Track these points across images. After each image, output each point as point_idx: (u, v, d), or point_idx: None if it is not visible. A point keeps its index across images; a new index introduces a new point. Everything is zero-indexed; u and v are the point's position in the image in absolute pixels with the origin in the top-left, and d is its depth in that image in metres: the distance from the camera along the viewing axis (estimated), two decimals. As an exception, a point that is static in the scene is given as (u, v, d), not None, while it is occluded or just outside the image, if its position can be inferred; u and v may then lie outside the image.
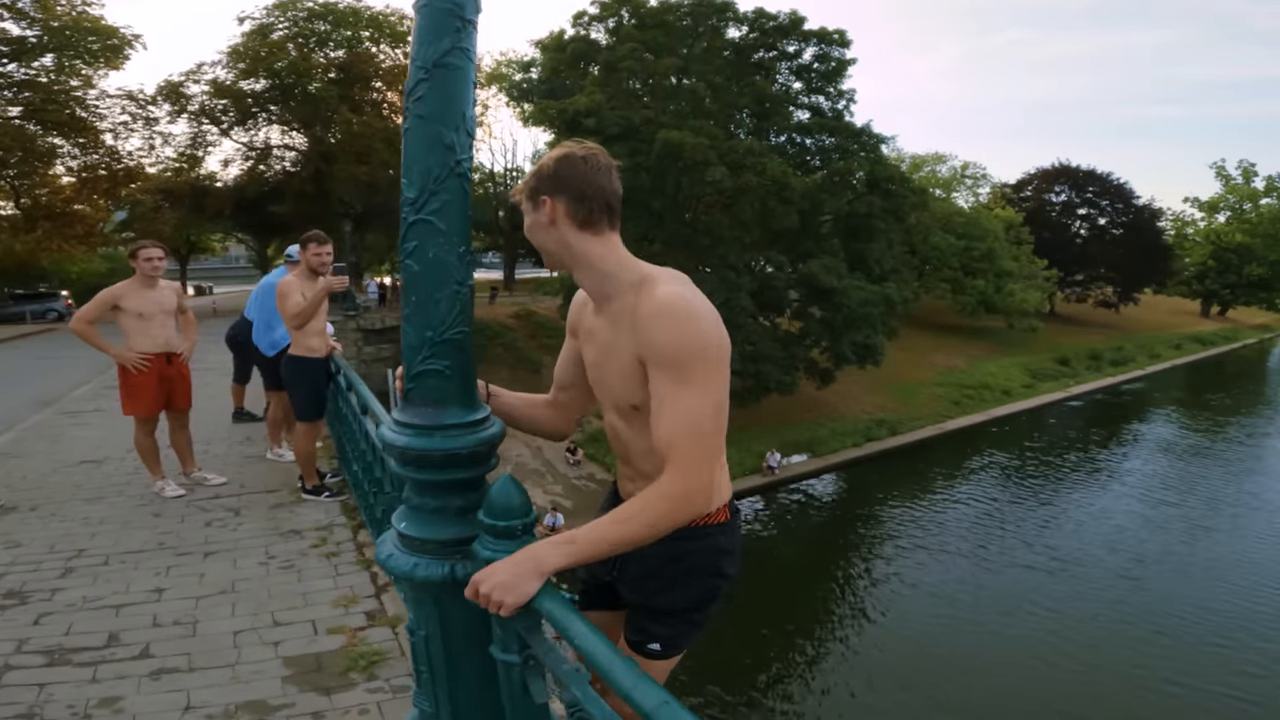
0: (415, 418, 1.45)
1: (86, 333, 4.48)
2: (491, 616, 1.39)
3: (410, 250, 1.39)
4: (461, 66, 1.37)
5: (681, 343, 1.34)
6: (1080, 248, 45.09)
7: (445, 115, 1.36)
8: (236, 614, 3.18)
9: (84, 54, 24.19)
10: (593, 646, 1.12)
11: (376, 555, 1.63)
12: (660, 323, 1.35)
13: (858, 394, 26.02)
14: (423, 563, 1.50)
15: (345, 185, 25.76)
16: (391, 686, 2.65)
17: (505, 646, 1.41)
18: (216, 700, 2.55)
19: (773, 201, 20.99)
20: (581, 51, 24.15)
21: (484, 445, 1.48)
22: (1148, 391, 34.30)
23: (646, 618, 1.62)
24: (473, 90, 1.43)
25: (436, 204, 1.37)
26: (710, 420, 1.34)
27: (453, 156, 1.37)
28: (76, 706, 2.50)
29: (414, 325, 1.42)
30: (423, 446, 1.43)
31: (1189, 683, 10.99)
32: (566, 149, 1.49)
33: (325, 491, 4.71)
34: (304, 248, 4.59)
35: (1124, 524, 17.52)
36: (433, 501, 1.51)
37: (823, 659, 12.25)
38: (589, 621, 1.20)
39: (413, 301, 1.41)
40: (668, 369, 1.35)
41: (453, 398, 1.45)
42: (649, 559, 1.56)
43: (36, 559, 3.76)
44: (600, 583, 1.74)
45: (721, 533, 1.56)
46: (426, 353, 1.42)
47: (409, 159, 1.38)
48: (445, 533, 1.49)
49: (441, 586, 1.50)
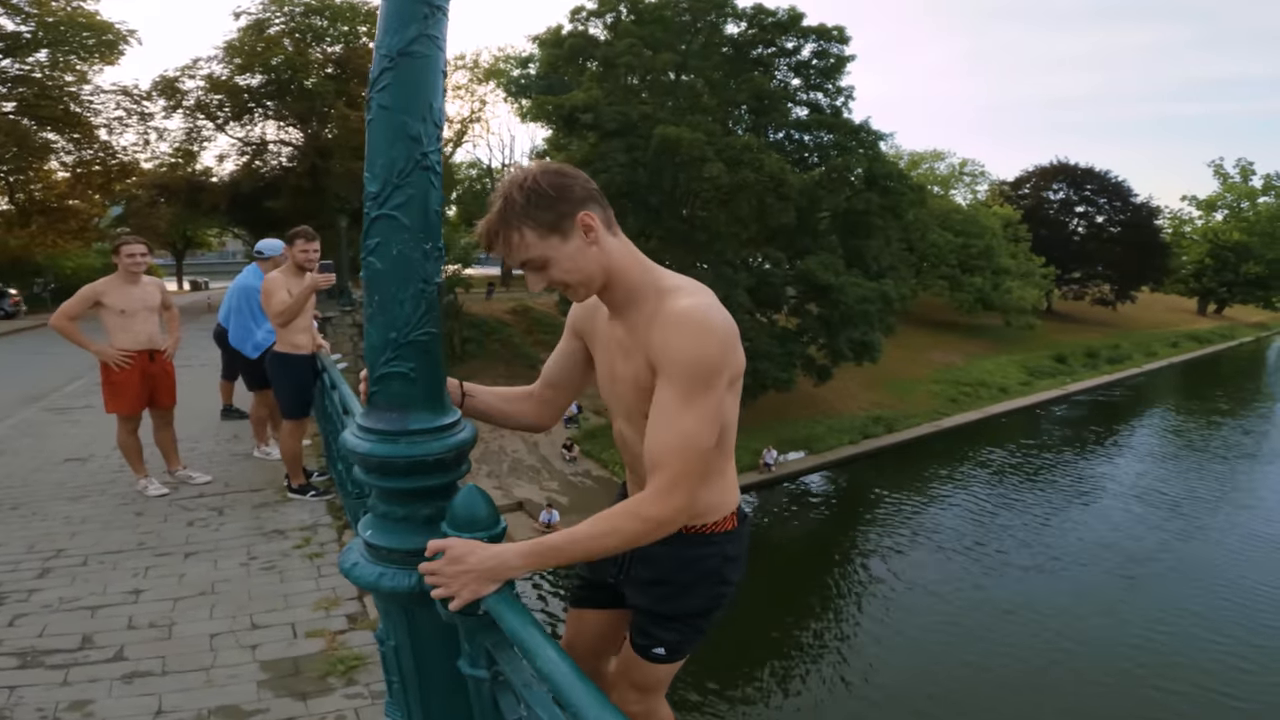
0: (378, 422, 1.39)
1: (68, 329, 4.41)
2: (460, 630, 1.34)
3: (373, 247, 1.33)
4: (429, 55, 1.30)
5: (697, 358, 1.29)
6: (1078, 245, 45.13)
7: (411, 106, 1.30)
8: (214, 616, 3.13)
9: (79, 49, 24.03)
10: (554, 670, 1.05)
11: (340, 564, 1.56)
12: (678, 333, 1.30)
13: (855, 391, 26.00)
14: (389, 572, 1.44)
15: (341, 181, 25.63)
16: (370, 692, 2.60)
17: (474, 662, 1.35)
18: (188, 705, 2.49)
19: (770, 198, 20.94)
20: (579, 47, 24.04)
21: (451, 451, 1.41)
22: (1144, 389, 34.33)
23: (652, 622, 1.59)
24: (442, 80, 1.37)
25: (401, 198, 1.30)
26: (705, 444, 1.30)
27: (419, 149, 1.31)
28: (45, 710, 2.45)
29: (377, 326, 1.36)
30: (386, 453, 1.37)
31: (1182, 680, 11.00)
32: (527, 169, 1.37)
33: (311, 491, 4.64)
34: (290, 244, 4.51)
35: (1120, 522, 17.53)
36: (399, 510, 1.45)
37: (819, 655, 12.24)
38: (554, 642, 1.13)
39: (375, 301, 1.35)
40: (676, 382, 1.30)
41: (418, 402, 1.39)
42: (656, 564, 1.54)
43: (14, 559, 3.70)
44: (601, 582, 1.71)
45: (728, 540, 1.54)
46: (390, 354, 1.35)
47: (372, 151, 1.32)
48: (412, 542, 1.42)
49: (409, 597, 1.44)
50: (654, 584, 1.57)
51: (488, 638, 1.32)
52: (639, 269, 1.41)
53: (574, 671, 1.05)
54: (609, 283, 1.41)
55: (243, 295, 5.54)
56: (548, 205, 1.32)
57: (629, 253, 1.41)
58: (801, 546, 16.74)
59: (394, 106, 1.30)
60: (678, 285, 1.38)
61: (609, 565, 1.63)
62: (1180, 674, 11.14)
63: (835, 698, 11.02)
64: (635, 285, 1.41)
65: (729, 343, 1.32)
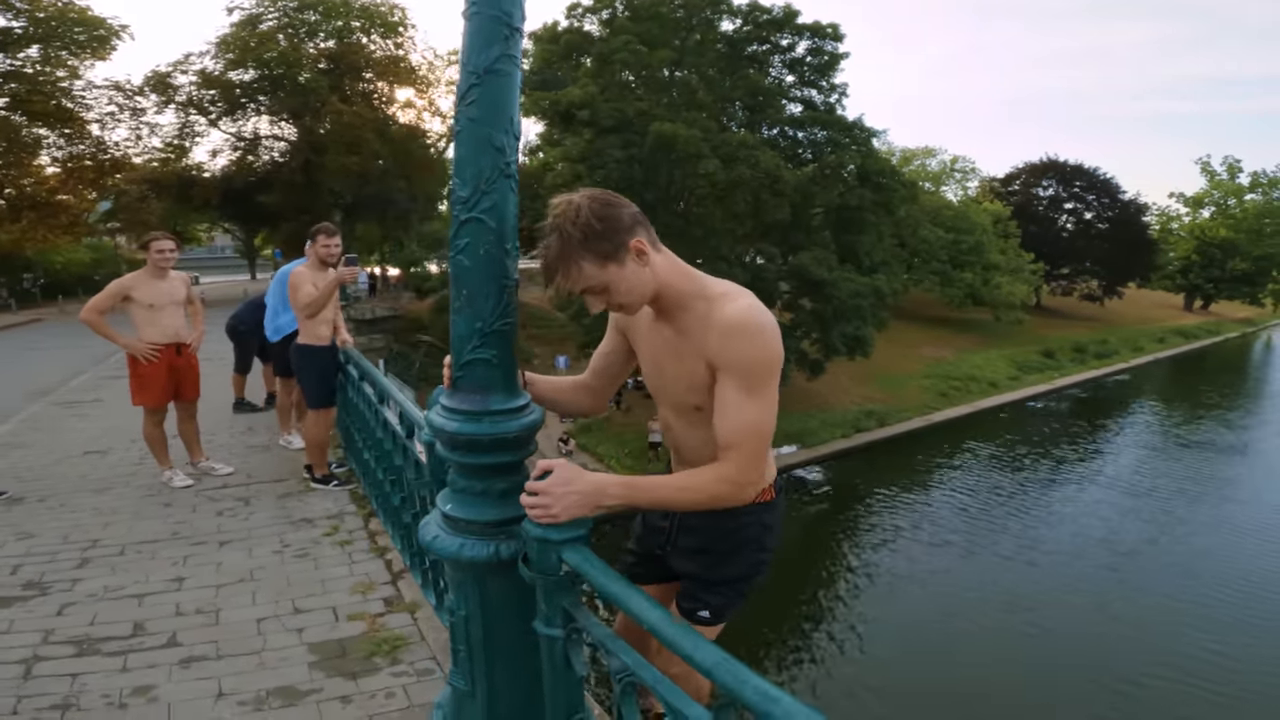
0: (464, 403, 1.53)
1: (97, 323, 4.50)
2: (539, 592, 1.48)
3: (462, 247, 1.47)
4: (510, 73, 1.44)
5: (757, 357, 1.45)
6: (1066, 241, 45.50)
7: (495, 119, 1.43)
8: (257, 602, 3.23)
9: (70, 45, 23.93)
10: (650, 614, 1.20)
11: (421, 537, 1.70)
12: (739, 337, 1.45)
13: (847, 385, 26.23)
14: (468, 543, 1.57)
15: (335, 176, 25.60)
16: (415, 670, 2.72)
17: (549, 621, 1.48)
18: (247, 687, 2.60)
19: (765, 194, 21.10)
20: (575, 43, 24.09)
21: (527, 430, 1.56)
22: (1131, 384, 34.76)
23: (700, 587, 1.75)
24: (519, 95, 1.51)
25: (488, 203, 1.44)
26: (769, 426, 1.48)
27: (502, 158, 1.45)
28: (111, 696, 2.53)
29: (464, 317, 1.49)
30: (472, 431, 1.51)
31: (1170, 666, 11.24)
32: (576, 204, 1.44)
33: (333, 481, 4.76)
34: (313, 240, 4.65)
35: (1108, 515, 17.83)
36: (478, 484, 1.58)
37: (810, 646, 12.40)
38: (640, 590, 1.28)
39: (464, 295, 1.48)
40: (740, 378, 1.46)
41: (498, 385, 1.53)
42: (702, 534, 1.71)
43: (51, 550, 3.79)
44: (650, 555, 1.86)
45: (766, 511, 1.70)
46: (476, 342, 1.49)
47: (461, 160, 1.45)
48: (490, 514, 1.57)
49: (486, 566, 1.57)
50: (700, 552, 1.73)
51: (565, 598, 1.46)
52: (684, 279, 1.56)
53: (664, 613, 1.20)
54: (658, 294, 1.55)
55: (283, 284, 5.67)
56: (603, 236, 1.43)
57: (673, 265, 1.55)
58: (793, 538, 16.90)
59: (481, 119, 1.43)
60: (724, 291, 1.53)
61: (657, 537, 1.81)
62: (1168, 662, 11.36)
63: (824, 688, 11.16)
64: (682, 294, 1.55)
65: (778, 339, 1.49)
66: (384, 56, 28.66)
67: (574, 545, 1.40)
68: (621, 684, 1.31)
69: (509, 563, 1.54)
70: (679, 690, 1.19)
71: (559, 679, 1.54)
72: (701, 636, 1.12)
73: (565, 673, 1.53)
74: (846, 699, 10.88)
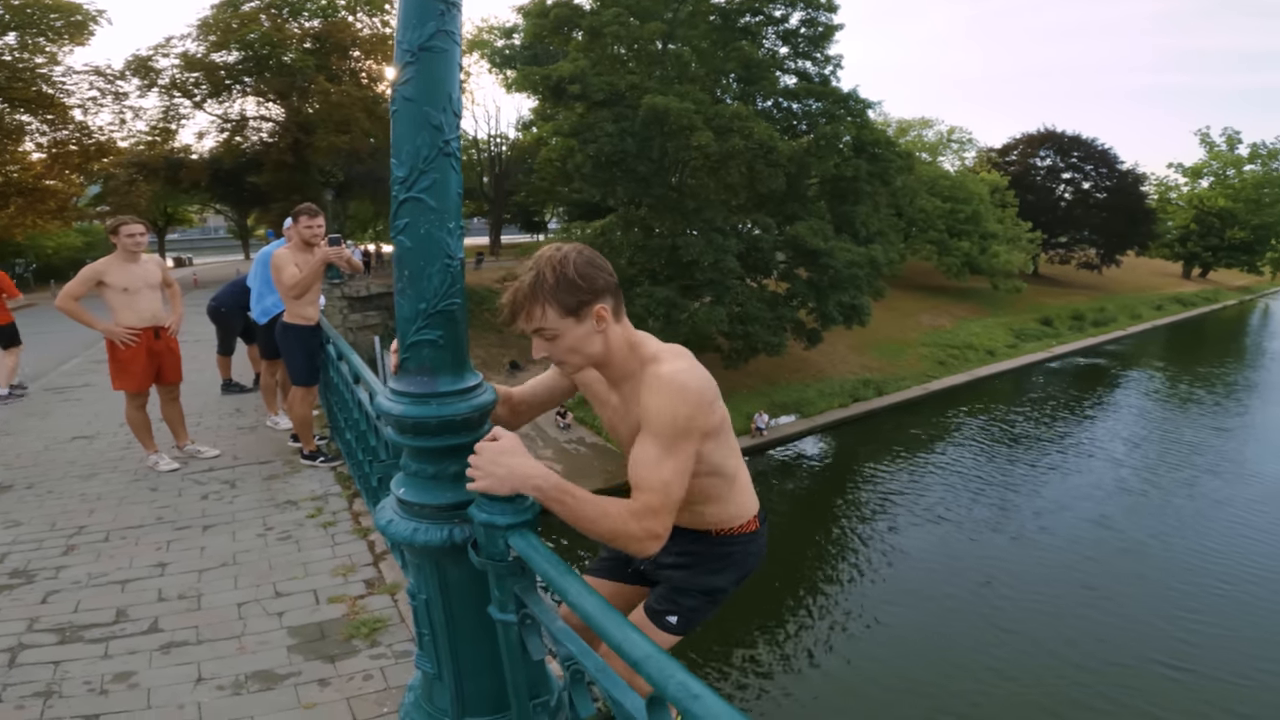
0: (410, 386, 1.51)
1: (73, 309, 4.47)
2: (490, 577, 1.47)
3: (402, 227, 1.44)
4: (446, 49, 1.40)
5: (676, 414, 1.47)
6: (1064, 211, 45.32)
7: (432, 97, 1.40)
8: (239, 586, 3.25)
9: (47, 31, 23.77)
10: (586, 601, 1.19)
11: (376, 522, 1.69)
12: (657, 395, 1.48)
13: (844, 354, 26.25)
14: (422, 527, 1.56)
15: (325, 155, 25.39)
16: (394, 652, 2.74)
17: (503, 607, 1.48)
18: (226, 671, 2.62)
19: (760, 165, 20.88)
20: (565, 17, 23.66)
21: (476, 411, 1.54)
22: (1129, 351, 34.75)
23: (676, 590, 1.81)
24: (458, 71, 1.47)
25: (426, 182, 1.41)
26: (677, 494, 1.46)
27: (440, 136, 1.41)
28: (92, 683, 2.55)
29: (407, 298, 1.47)
30: (418, 414, 1.49)
31: (1161, 649, 11.31)
32: (563, 253, 1.49)
33: (321, 456, 4.78)
34: (295, 221, 4.62)
35: (1101, 482, 17.92)
36: (430, 467, 1.57)
37: (805, 620, 12.50)
38: (580, 578, 1.27)
39: (405, 275, 1.46)
40: (655, 434, 1.47)
41: (445, 366, 1.51)
42: (691, 555, 1.81)
43: (38, 537, 3.81)
44: (626, 558, 1.91)
45: (751, 540, 1.83)
46: (420, 324, 1.47)
47: (398, 139, 1.42)
48: (443, 498, 1.56)
49: (441, 550, 1.56)
50: (684, 567, 1.80)
51: (516, 583, 1.45)
52: (632, 351, 1.58)
53: (601, 601, 1.19)
54: (607, 361, 1.58)
55: (266, 265, 5.65)
56: (574, 291, 1.47)
57: (625, 338, 1.58)
58: (792, 509, 17.03)
59: (417, 98, 1.40)
60: (656, 353, 1.57)
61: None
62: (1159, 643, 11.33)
63: (818, 662, 11.19)
64: (626, 363, 1.59)
65: (703, 402, 1.50)
66: (371, 34, 28.25)
67: (519, 530, 1.39)
68: (570, 671, 1.31)
69: (463, 547, 1.53)
70: (618, 679, 1.18)
71: (516, 663, 1.54)
72: (634, 628, 1.11)
73: (523, 657, 1.52)
74: (833, 665, 11.00)
